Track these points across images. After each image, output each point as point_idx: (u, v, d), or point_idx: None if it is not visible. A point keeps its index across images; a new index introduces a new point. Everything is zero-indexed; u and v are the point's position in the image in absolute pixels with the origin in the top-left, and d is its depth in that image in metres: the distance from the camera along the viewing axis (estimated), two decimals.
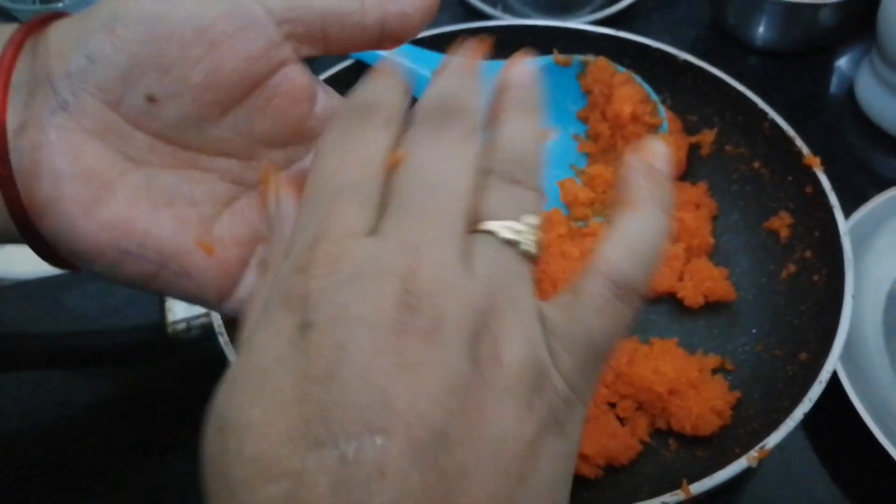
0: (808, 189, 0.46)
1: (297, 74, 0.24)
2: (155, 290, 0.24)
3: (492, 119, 0.23)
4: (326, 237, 0.19)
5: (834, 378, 0.40)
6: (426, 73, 0.50)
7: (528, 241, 0.20)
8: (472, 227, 0.20)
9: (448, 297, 0.18)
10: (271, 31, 0.23)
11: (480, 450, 0.17)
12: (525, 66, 0.24)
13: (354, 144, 0.21)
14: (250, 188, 0.26)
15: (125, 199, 0.23)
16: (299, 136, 0.25)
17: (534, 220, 0.20)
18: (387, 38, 0.25)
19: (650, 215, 0.21)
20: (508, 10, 0.70)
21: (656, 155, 0.22)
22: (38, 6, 0.67)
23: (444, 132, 0.21)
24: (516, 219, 0.20)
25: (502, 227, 0.20)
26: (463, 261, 0.19)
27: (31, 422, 0.47)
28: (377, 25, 0.24)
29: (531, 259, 0.20)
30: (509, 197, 0.20)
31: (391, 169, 0.21)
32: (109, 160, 0.22)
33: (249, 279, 0.25)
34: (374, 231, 0.19)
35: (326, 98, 0.26)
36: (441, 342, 0.17)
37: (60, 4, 0.66)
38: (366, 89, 0.23)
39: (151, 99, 0.22)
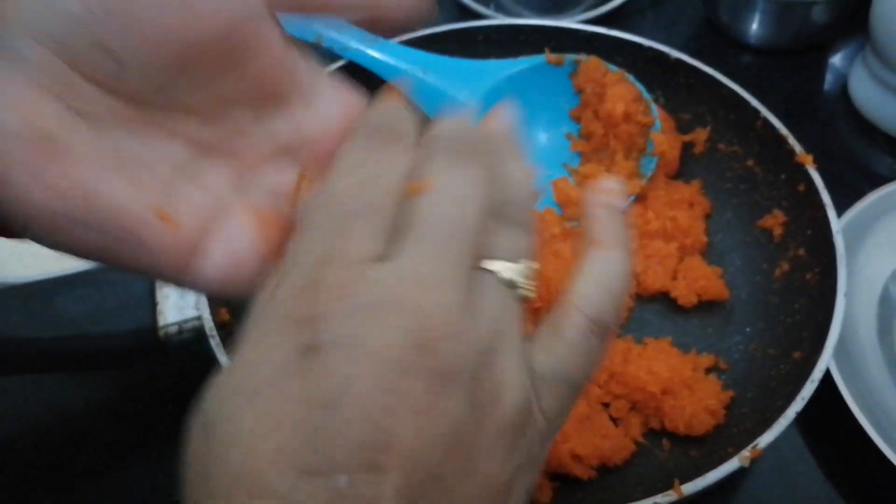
0: (801, 187, 0.46)
1: (275, 37, 0.23)
2: (107, 263, 0.22)
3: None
4: (339, 259, 0.19)
5: (827, 376, 0.40)
6: (418, 72, 0.50)
7: (527, 285, 0.21)
8: (477, 262, 0.20)
9: (456, 342, 0.18)
10: None
11: (468, 492, 0.18)
12: (506, 117, 0.24)
13: (374, 167, 0.21)
14: (216, 155, 0.24)
15: (79, 162, 0.20)
16: (272, 99, 0.24)
17: (532, 263, 0.21)
18: (378, 22, 0.24)
19: (617, 255, 0.22)
20: (501, 9, 0.70)
21: (612, 192, 0.24)
22: None
23: (467, 169, 0.21)
24: (516, 260, 0.21)
25: (505, 268, 0.20)
26: (468, 299, 0.19)
27: (25, 426, 0.47)
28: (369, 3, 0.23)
29: (525, 301, 0.21)
30: (511, 238, 0.21)
31: (409, 195, 0.20)
32: (61, 117, 0.20)
33: (215, 252, 0.23)
34: (385, 257, 0.19)
35: (306, 67, 0.24)
36: (446, 387, 0.17)
37: None
38: (383, 110, 0.23)
39: (110, 51, 0.20)
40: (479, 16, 0.67)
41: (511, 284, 0.20)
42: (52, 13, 0.19)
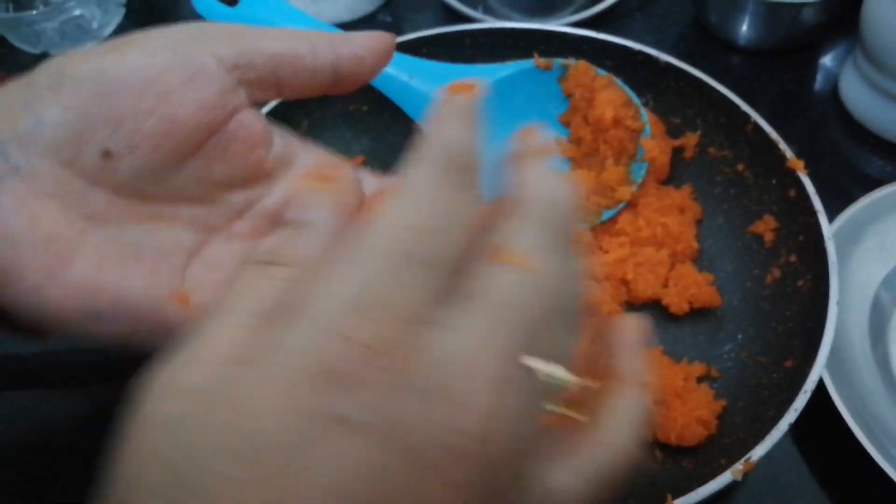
0: (793, 193, 0.46)
1: (252, 120, 0.24)
2: (133, 348, 0.23)
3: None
4: (389, 312, 0.16)
5: (820, 384, 0.39)
6: (404, 77, 0.49)
7: (560, 395, 0.19)
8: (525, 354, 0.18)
9: (495, 453, 0.16)
10: (222, 78, 0.23)
11: None
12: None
13: (447, 211, 0.18)
14: (216, 231, 0.25)
15: (90, 260, 0.22)
16: (258, 178, 0.26)
17: (574, 378, 0.19)
18: (341, 81, 0.25)
19: (641, 394, 0.24)
20: (489, 11, 0.69)
21: (639, 330, 0.25)
22: (10, 14, 0.66)
23: (565, 258, 0.19)
24: (562, 364, 0.19)
25: (545, 370, 0.18)
26: (506, 398, 0.17)
27: (8, 442, 0.46)
28: (329, 69, 0.24)
29: (553, 412, 0.20)
30: (559, 338, 0.19)
31: (489, 258, 0.18)
32: (69, 221, 0.22)
33: None
34: (440, 323, 0.17)
35: (281, 141, 0.26)
36: (465, 495, 0.16)
37: (34, 12, 0.65)
38: (454, 135, 0.20)
39: (107, 154, 0.22)
40: (467, 18, 0.66)
41: (547, 390, 0.18)
42: (49, 128, 0.21)
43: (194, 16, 0.44)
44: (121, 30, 0.70)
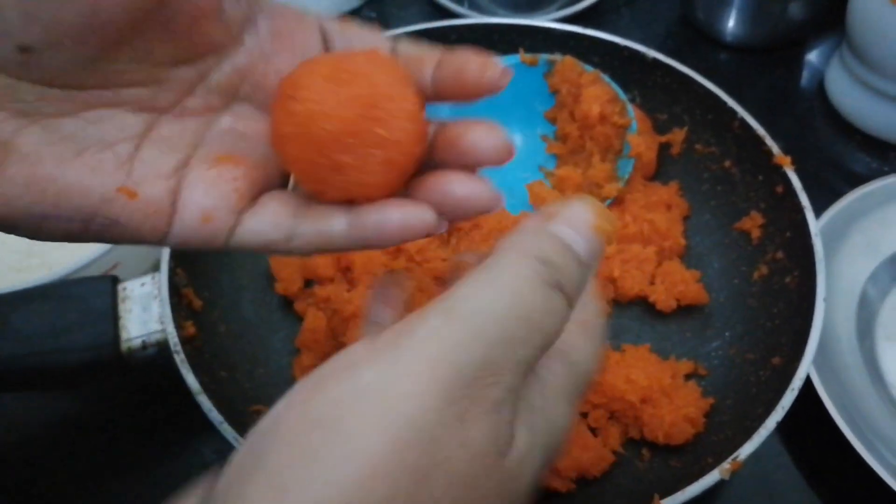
0: (779, 189, 0.46)
1: None
2: (91, 241, 0.22)
3: None
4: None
5: (807, 381, 0.39)
6: None
7: None
8: None
9: None
10: None
11: None
12: None
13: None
14: (165, 112, 0.23)
15: (28, 160, 0.20)
16: (208, 51, 0.23)
17: None
18: None
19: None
20: (475, 7, 0.69)
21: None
22: None
23: None
24: None
25: None
26: None
27: None
28: None
29: None
30: None
31: None
32: (4, 121, 0.20)
33: (186, 212, 0.22)
34: None
35: (235, 5, 0.23)
36: None
37: None
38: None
39: (25, 49, 0.20)
40: (453, 14, 0.66)
41: None
42: None
43: None
44: None
